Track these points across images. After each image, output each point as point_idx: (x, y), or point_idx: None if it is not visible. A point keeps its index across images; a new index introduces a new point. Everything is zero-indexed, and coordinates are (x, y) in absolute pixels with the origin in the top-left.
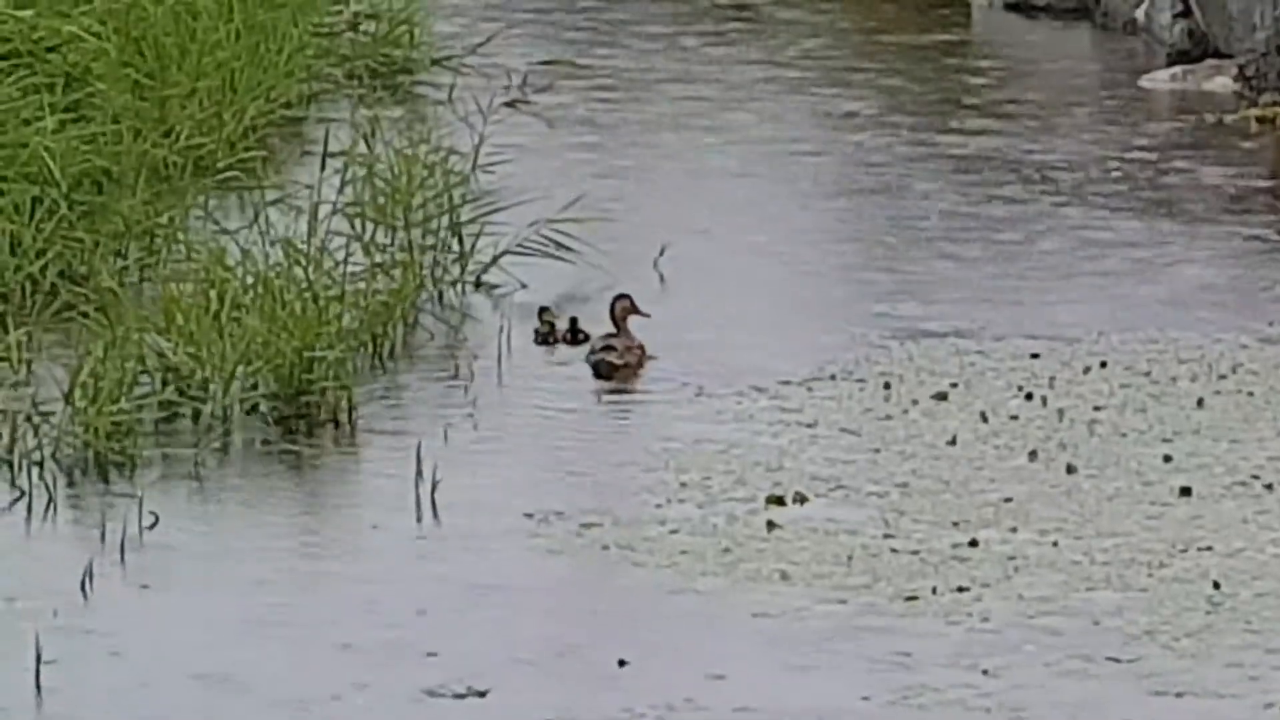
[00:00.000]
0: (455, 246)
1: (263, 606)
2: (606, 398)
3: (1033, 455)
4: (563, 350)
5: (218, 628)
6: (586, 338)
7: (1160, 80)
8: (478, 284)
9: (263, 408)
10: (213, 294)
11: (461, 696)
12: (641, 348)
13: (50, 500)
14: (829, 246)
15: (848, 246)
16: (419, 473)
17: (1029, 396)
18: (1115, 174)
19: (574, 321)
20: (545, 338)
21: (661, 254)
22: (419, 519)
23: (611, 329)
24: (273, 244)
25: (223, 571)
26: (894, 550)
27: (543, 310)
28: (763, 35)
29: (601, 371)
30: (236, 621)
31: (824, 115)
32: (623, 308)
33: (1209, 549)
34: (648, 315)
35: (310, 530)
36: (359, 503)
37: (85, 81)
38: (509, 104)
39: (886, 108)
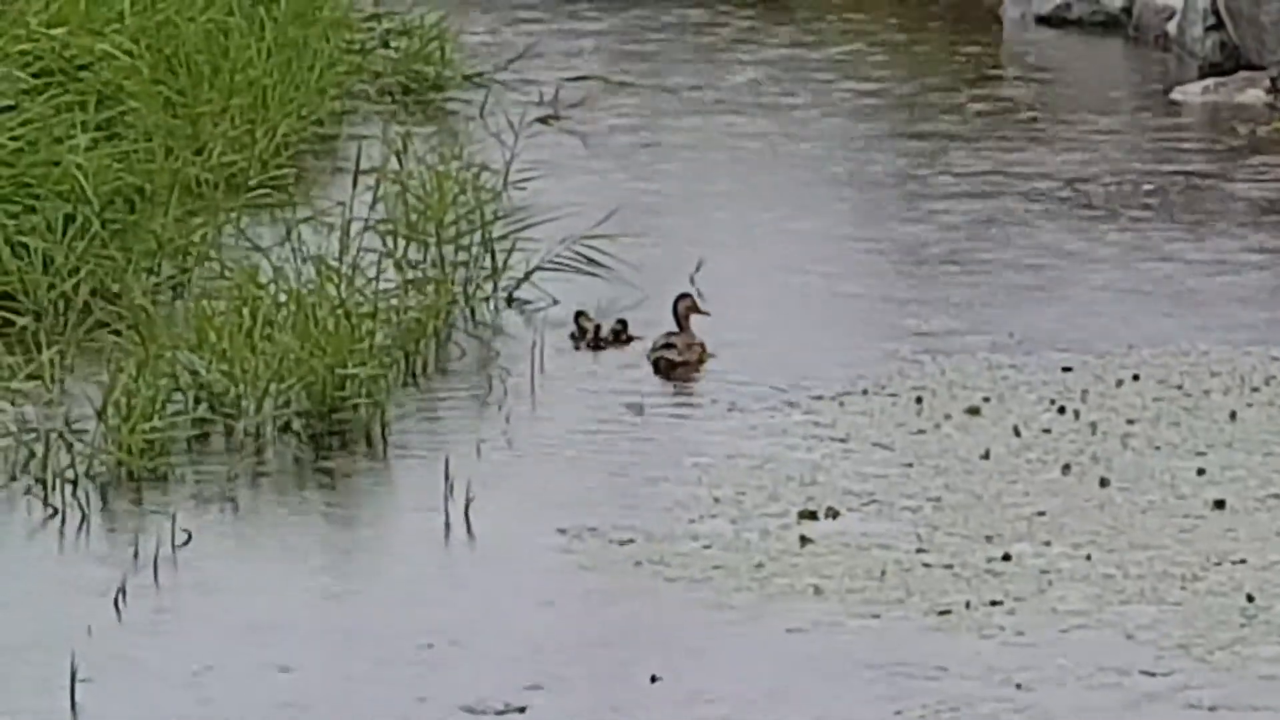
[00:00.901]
0: (488, 263)
1: (296, 624)
2: (638, 414)
3: (1066, 469)
4: (608, 354)
5: (251, 645)
6: (630, 339)
7: (1192, 93)
8: (510, 300)
9: (295, 425)
10: (245, 311)
11: (501, 713)
12: (702, 345)
13: (84, 518)
14: (860, 261)
15: (879, 261)
16: (449, 489)
17: (1061, 410)
18: (1147, 187)
19: (623, 324)
20: (581, 338)
21: (698, 269)
22: (452, 535)
23: (674, 327)
24: (305, 261)
25: (255, 589)
26: (927, 565)
27: (579, 314)
28: (795, 49)
29: (661, 368)
30: (270, 639)
31: (856, 129)
32: (685, 306)
33: (1243, 562)
34: (708, 314)
35: (343, 547)
36: (392, 520)
37: (118, 99)
38: (541, 120)
39: (920, 122)
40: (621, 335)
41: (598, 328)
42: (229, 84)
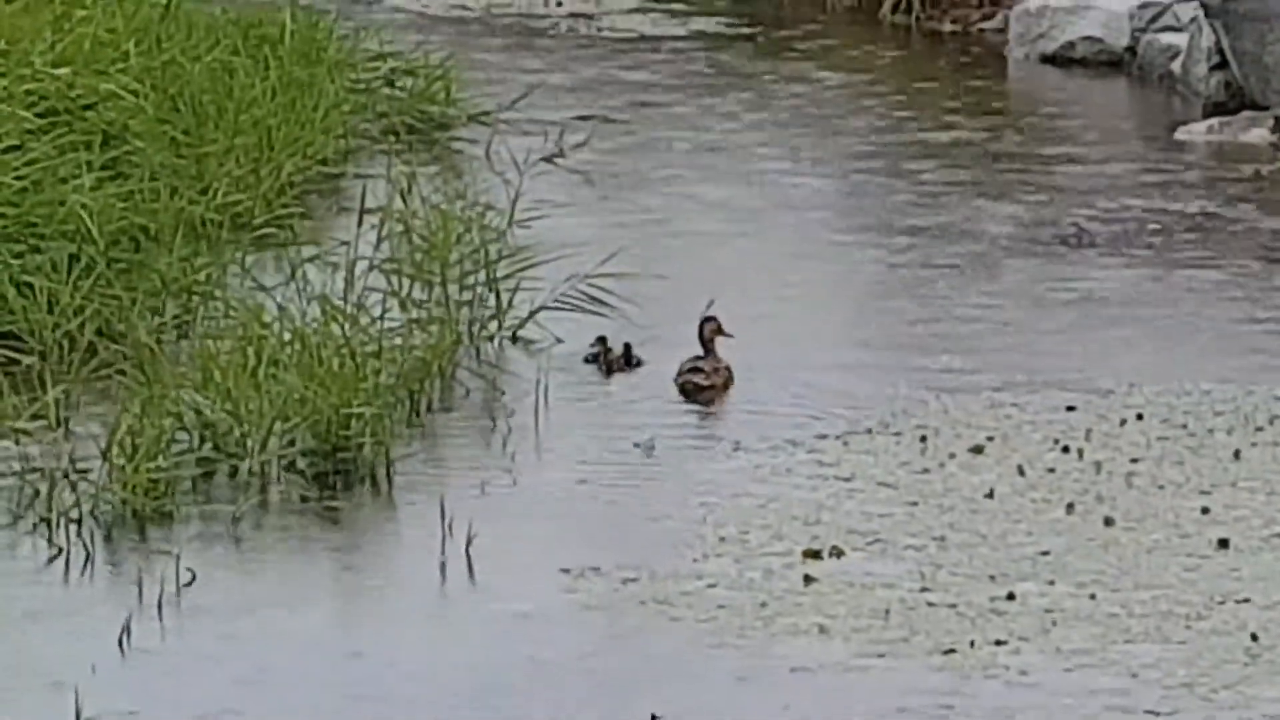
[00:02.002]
0: (492, 302)
1: (300, 664)
2: (649, 452)
3: (1070, 508)
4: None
5: (256, 687)
6: (640, 363)
7: (1197, 132)
8: (514, 339)
9: (300, 464)
10: (250, 351)
11: None
12: (728, 369)
13: (88, 557)
14: (863, 299)
15: (882, 299)
16: (448, 529)
17: (1065, 449)
18: (1151, 226)
19: (628, 347)
20: (596, 359)
21: (709, 307)
22: (455, 575)
23: (699, 351)
24: (310, 301)
25: (260, 629)
26: (931, 604)
27: (600, 339)
28: (800, 88)
29: (687, 392)
30: (275, 680)
31: (860, 167)
32: (711, 329)
33: (1247, 601)
34: (732, 336)
35: (348, 587)
36: (396, 559)
37: (122, 139)
38: (546, 159)
39: (922, 160)
40: (632, 360)
41: (608, 352)
42: (234, 123)
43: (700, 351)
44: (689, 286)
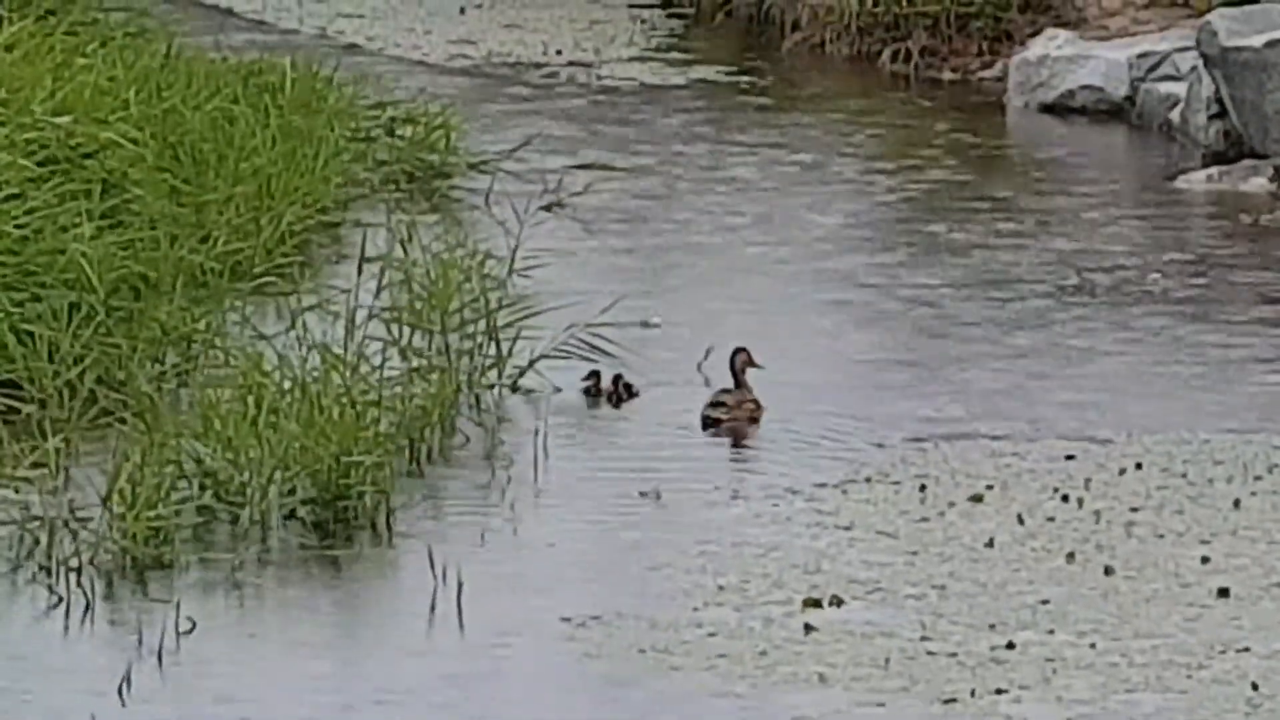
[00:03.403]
0: (492, 350)
1: (299, 713)
2: (656, 500)
3: (1070, 557)
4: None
5: None
6: (636, 393)
7: (1196, 181)
8: (514, 388)
9: (300, 512)
10: (250, 399)
11: None
12: (755, 402)
13: (88, 606)
14: (862, 349)
15: (879, 349)
16: (447, 578)
17: (1065, 498)
18: (1151, 275)
19: (617, 379)
20: (589, 393)
21: (706, 357)
22: (454, 623)
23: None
24: (310, 349)
25: (259, 678)
26: (931, 653)
27: (594, 373)
28: (799, 137)
29: (708, 425)
30: None
31: (858, 217)
32: (742, 360)
33: (1247, 650)
34: (762, 367)
35: (347, 636)
36: (396, 607)
37: (122, 188)
38: (545, 208)
39: (921, 208)
40: (631, 390)
41: (600, 386)
42: (234, 172)
43: (731, 383)
44: (687, 334)
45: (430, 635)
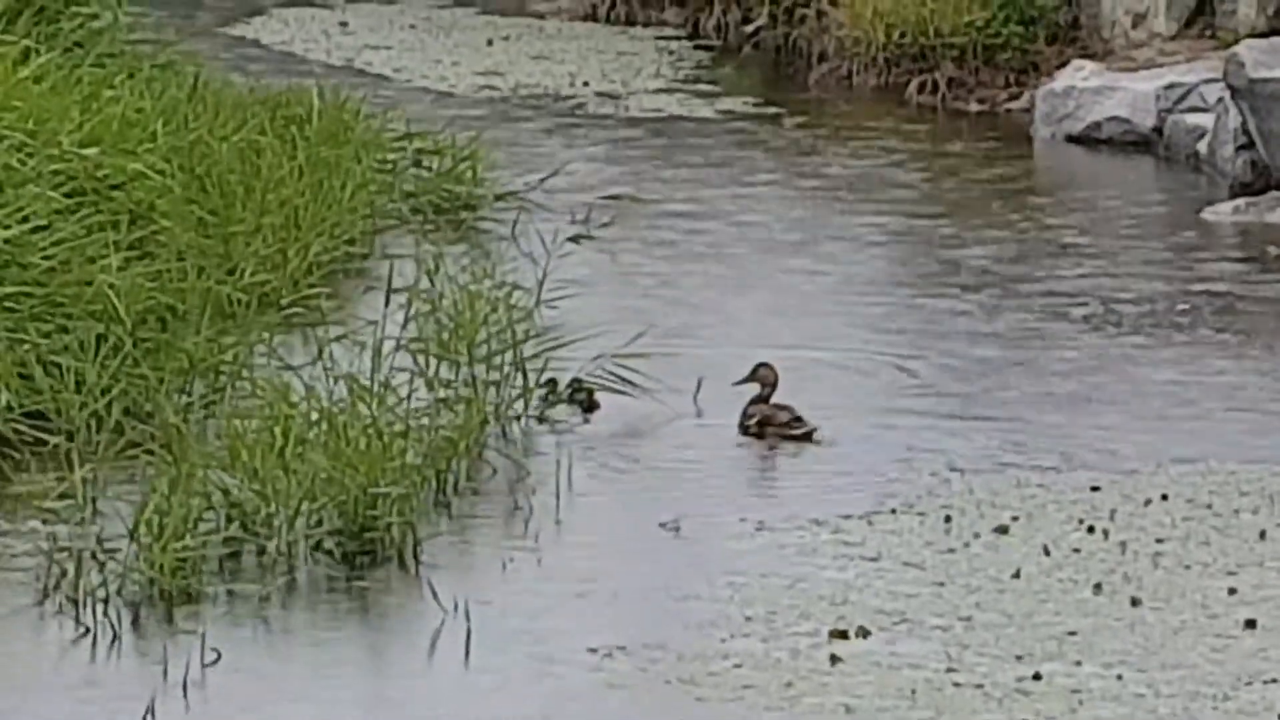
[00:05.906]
0: (519, 381)
1: None
2: (675, 532)
3: (1097, 588)
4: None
5: None
6: (596, 403)
7: (1223, 213)
8: (541, 419)
9: (327, 544)
10: (277, 430)
11: None
12: (788, 410)
13: (115, 637)
14: (886, 377)
15: (906, 379)
16: (474, 609)
17: (1091, 529)
18: (1179, 306)
19: (577, 382)
20: (546, 401)
21: (699, 390)
22: (481, 654)
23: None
24: (337, 380)
25: (285, 709)
26: (957, 684)
27: (550, 381)
28: (826, 168)
29: (751, 432)
30: None
31: (885, 249)
32: (764, 375)
33: (1274, 681)
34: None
35: (374, 667)
36: (422, 639)
37: (150, 219)
38: (573, 239)
39: (948, 240)
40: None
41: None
42: (261, 203)
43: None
44: (713, 366)
45: (456, 666)
